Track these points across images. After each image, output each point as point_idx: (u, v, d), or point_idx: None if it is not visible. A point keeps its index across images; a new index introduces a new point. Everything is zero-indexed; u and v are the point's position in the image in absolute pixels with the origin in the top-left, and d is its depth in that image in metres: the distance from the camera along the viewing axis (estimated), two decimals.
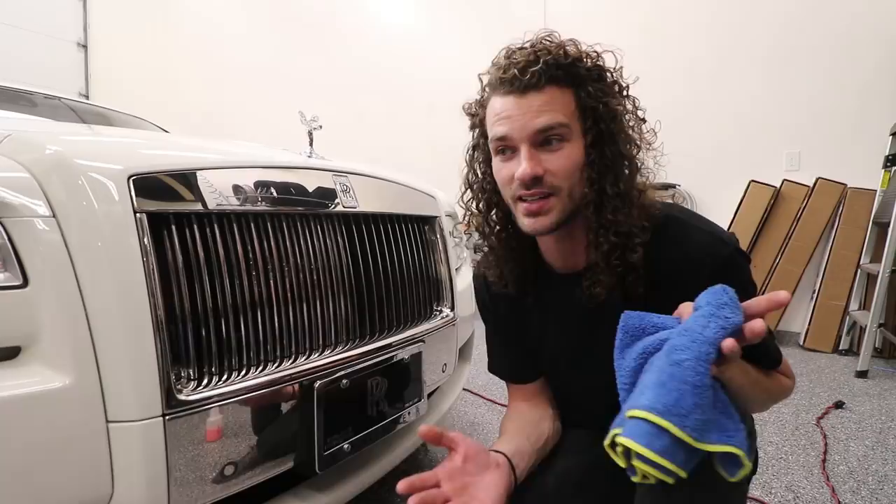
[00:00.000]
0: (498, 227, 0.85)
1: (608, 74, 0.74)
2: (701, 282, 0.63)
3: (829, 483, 1.52)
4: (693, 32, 3.47)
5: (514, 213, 0.77)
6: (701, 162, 3.40)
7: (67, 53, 5.59)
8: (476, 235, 0.91)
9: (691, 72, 3.38)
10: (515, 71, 0.70)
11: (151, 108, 3.34)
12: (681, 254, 0.73)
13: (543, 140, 0.71)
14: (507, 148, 0.74)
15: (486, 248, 0.88)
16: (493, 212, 0.84)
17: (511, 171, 0.73)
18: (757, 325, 0.56)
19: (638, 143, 0.75)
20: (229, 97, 5.09)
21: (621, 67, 0.74)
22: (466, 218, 0.90)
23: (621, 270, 0.74)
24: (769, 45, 3.28)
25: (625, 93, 0.76)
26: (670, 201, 0.80)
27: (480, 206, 0.86)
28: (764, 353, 0.74)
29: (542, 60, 0.69)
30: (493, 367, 1.02)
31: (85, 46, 5.73)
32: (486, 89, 0.78)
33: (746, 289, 0.70)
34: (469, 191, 0.87)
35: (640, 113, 0.76)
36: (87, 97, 5.51)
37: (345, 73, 4.64)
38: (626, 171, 0.74)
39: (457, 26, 4.29)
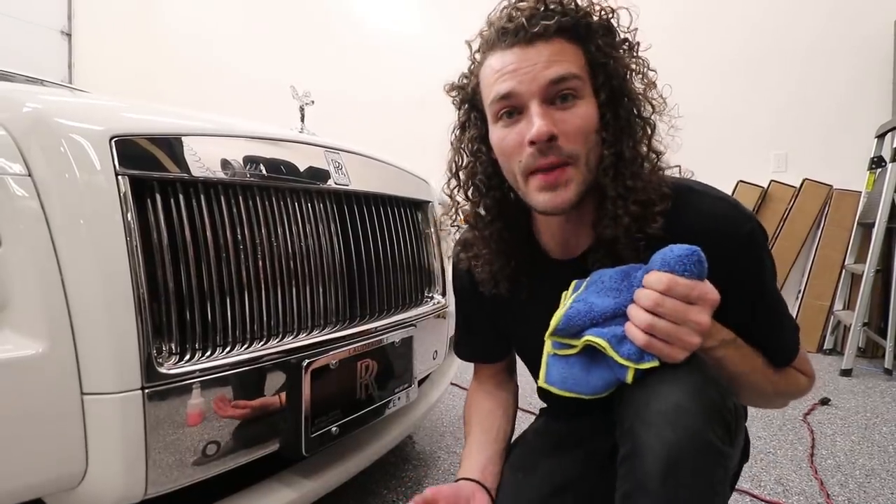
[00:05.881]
0: (489, 218, 0.75)
1: (618, 30, 0.68)
2: (719, 255, 0.59)
3: (817, 476, 1.52)
4: (680, 36, 3.48)
5: (524, 193, 0.67)
6: (689, 162, 3.39)
7: (51, 41, 5.48)
8: (460, 228, 0.82)
9: (679, 74, 3.38)
10: (522, 20, 0.62)
11: (135, 97, 3.27)
12: (700, 225, 0.65)
13: (555, 95, 0.63)
14: (513, 108, 0.65)
15: (473, 242, 0.78)
16: (486, 199, 0.74)
17: (519, 136, 0.64)
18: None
19: (651, 103, 0.68)
20: (215, 87, 5.02)
21: (636, 29, 0.69)
22: (452, 209, 0.80)
23: (643, 244, 0.65)
24: (757, 48, 3.31)
25: (635, 51, 0.69)
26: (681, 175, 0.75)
27: (470, 192, 0.76)
28: (775, 345, 0.72)
29: (550, 8, 0.63)
30: (462, 349, 0.99)
31: (69, 35, 5.62)
32: (479, 52, 0.70)
33: (764, 264, 0.67)
34: (455, 178, 0.77)
35: (651, 74, 0.69)
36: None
37: (339, 72, 4.60)
38: (642, 133, 0.67)
39: (452, 20, 4.27)
